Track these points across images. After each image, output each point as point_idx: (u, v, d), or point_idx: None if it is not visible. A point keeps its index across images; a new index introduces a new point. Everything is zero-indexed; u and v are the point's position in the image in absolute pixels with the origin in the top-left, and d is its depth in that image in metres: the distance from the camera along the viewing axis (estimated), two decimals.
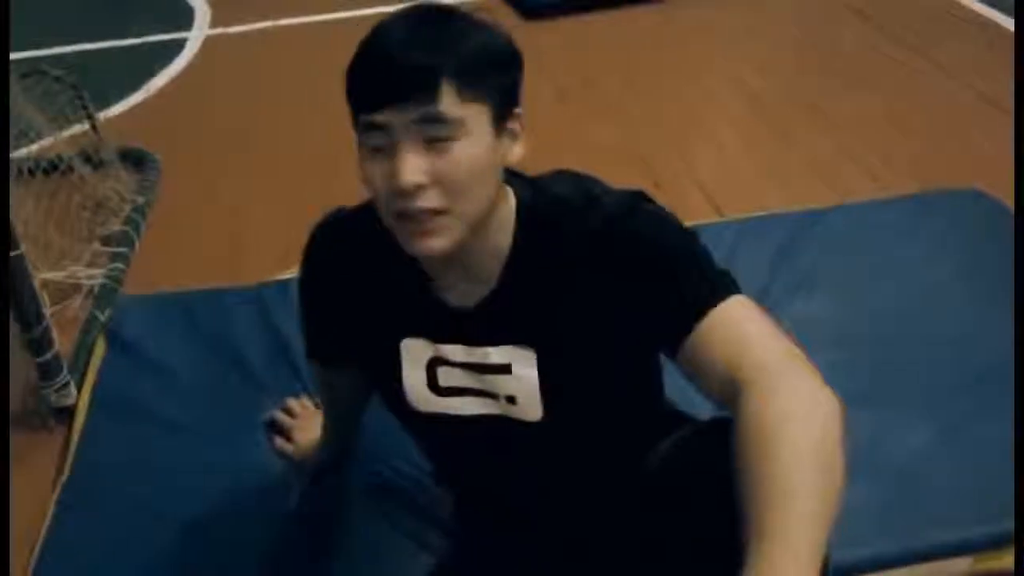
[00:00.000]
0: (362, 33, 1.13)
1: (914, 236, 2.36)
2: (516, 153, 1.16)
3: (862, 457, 1.75)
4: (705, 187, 2.79)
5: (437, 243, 1.11)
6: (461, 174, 1.08)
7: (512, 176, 1.21)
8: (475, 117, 1.08)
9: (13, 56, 3.71)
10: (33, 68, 2.79)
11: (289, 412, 1.90)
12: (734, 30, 3.94)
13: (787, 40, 3.83)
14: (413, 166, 1.06)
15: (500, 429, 1.26)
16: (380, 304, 1.27)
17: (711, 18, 4.07)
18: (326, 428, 1.72)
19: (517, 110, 1.14)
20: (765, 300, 2.14)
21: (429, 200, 1.08)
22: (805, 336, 2.03)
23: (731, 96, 3.41)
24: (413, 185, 1.06)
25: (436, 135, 1.06)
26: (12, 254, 1.91)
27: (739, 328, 1.12)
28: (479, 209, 1.12)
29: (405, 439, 1.46)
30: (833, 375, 1.92)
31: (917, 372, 1.95)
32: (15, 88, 2.62)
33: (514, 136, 1.15)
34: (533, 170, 1.25)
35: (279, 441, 1.86)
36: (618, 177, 1.27)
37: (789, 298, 2.16)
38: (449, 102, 1.06)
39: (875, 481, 1.70)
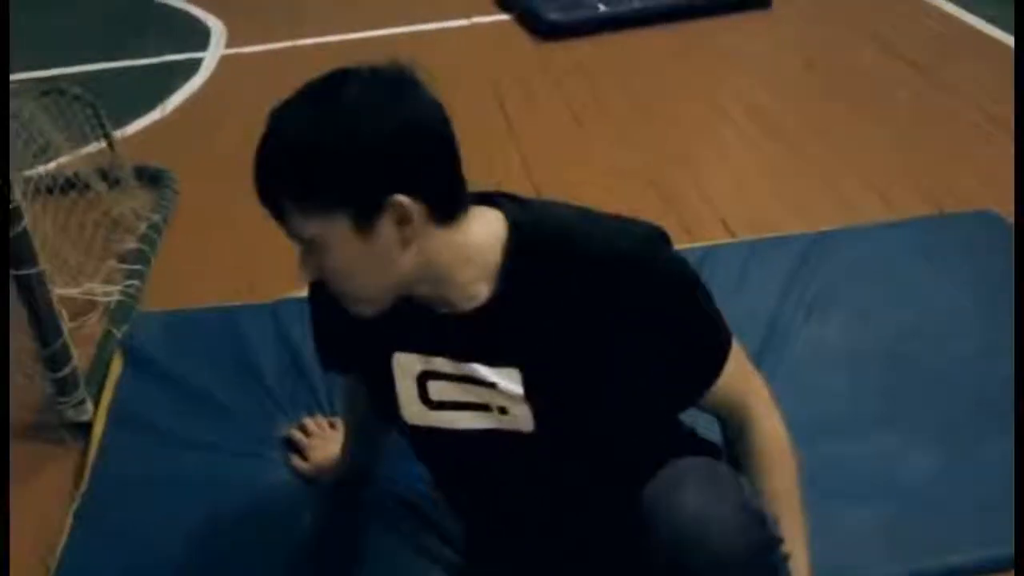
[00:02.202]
0: (374, 54, 1.16)
1: (928, 258, 2.37)
2: (407, 232, 1.12)
3: (872, 479, 1.77)
4: (717, 208, 2.80)
5: (364, 311, 1.20)
6: (336, 277, 1.16)
7: (503, 198, 1.23)
8: (328, 230, 1.11)
9: (33, 75, 3.79)
10: (52, 86, 2.82)
11: (305, 431, 1.91)
12: (747, 52, 3.95)
13: (799, 62, 3.84)
14: (304, 266, 1.18)
15: (495, 441, 1.27)
16: (373, 320, 1.27)
17: (725, 40, 4.09)
18: (344, 445, 1.73)
19: (393, 199, 1.09)
20: (777, 322, 2.16)
21: (332, 287, 1.19)
22: (817, 358, 2.07)
23: (744, 117, 3.42)
24: (309, 281, 1.18)
25: (304, 247, 1.15)
26: (31, 271, 1.93)
27: (739, 376, 1.32)
28: (380, 289, 1.17)
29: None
30: (844, 396, 1.96)
31: (928, 395, 1.96)
32: (35, 106, 2.65)
33: (400, 219, 1.11)
34: (548, 189, 1.27)
35: (295, 459, 1.87)
36: (630, 197, 1.29)
37: (801, 320, 2.17)
38: (295, 223, 1.12)
39: (885, 503, 1.72)
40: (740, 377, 1.32)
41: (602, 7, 4.24)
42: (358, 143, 1.08)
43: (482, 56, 4.01)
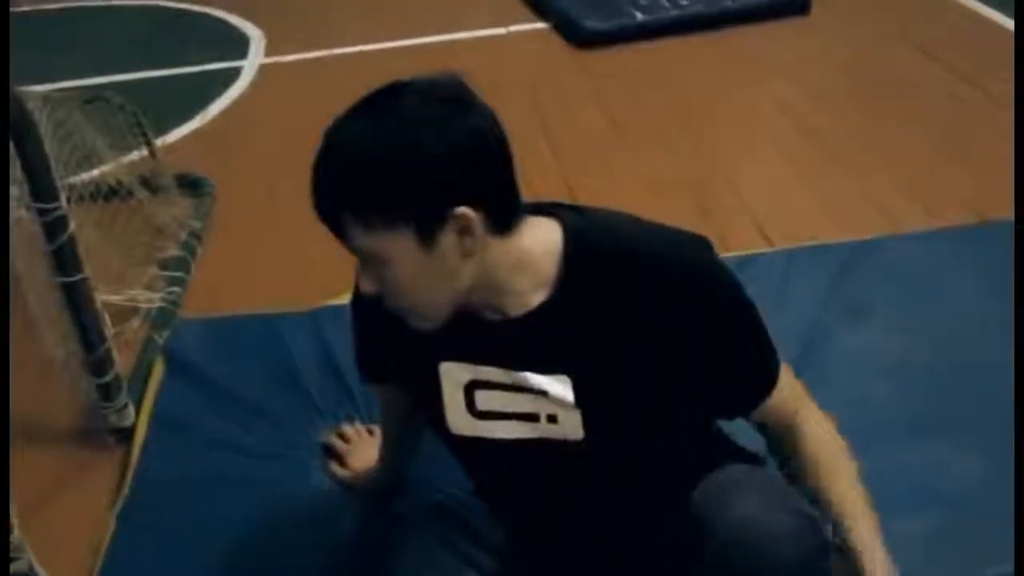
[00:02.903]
0: (413, 63, 1.16)
1: (969, 267, 2.35)
2: (470, 243, 1.12)
3: (915, 488, 1.75)
4: (755, 216, 2.79)
5: (422, 325, 1.20)
6: (398, 290, 1.15)
7: (560, 207, 1.24)
8: (390, 242, 1.10)
9: (78, 82, 3.84)
10: (97, 95, 2.85)
11: (344, 437, 1.93)
12: (787, 59, 3.93)
13: (840, 69, 3.81)
14: (364, 281, 1.17)
15: (542, 451, 1.27)
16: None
17: (764, 47, 4.07)
18: (383, 452, 1.74)
19: (457, 212, 1.10)
20: (817, 330, 2.14)
21: (391, 302, 1.18)
22: (858, 366, 2.06)
23: (783, 125, 3.41)
24: (370, 295, 1.17)
25: (365, 260, 1.15)
26: (76, 278, 1.96)
27: (788, 394, 1.33)
28: (442, 303, 1.17)
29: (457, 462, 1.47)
30: (886, 405, 1.95)
31: (971, 404, 1.94)
32: (79, 114, 2.69)
33: (463, 231, 1.11)
34: (584, 196, 1.27)
35: (333, 465, 1.88)
36: (668, 205, 1.29)
37: (842, 328, 2.16)
38: (357, 236, 1.11)
39: (927, 512, 1.70)
40: (790, 395, 1.33)
41: (639, 15, 4.23)
42: (422, 156, 1.07)
43: (519, 64, 4.02)
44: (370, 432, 1.91)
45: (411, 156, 1.08)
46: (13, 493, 1.58)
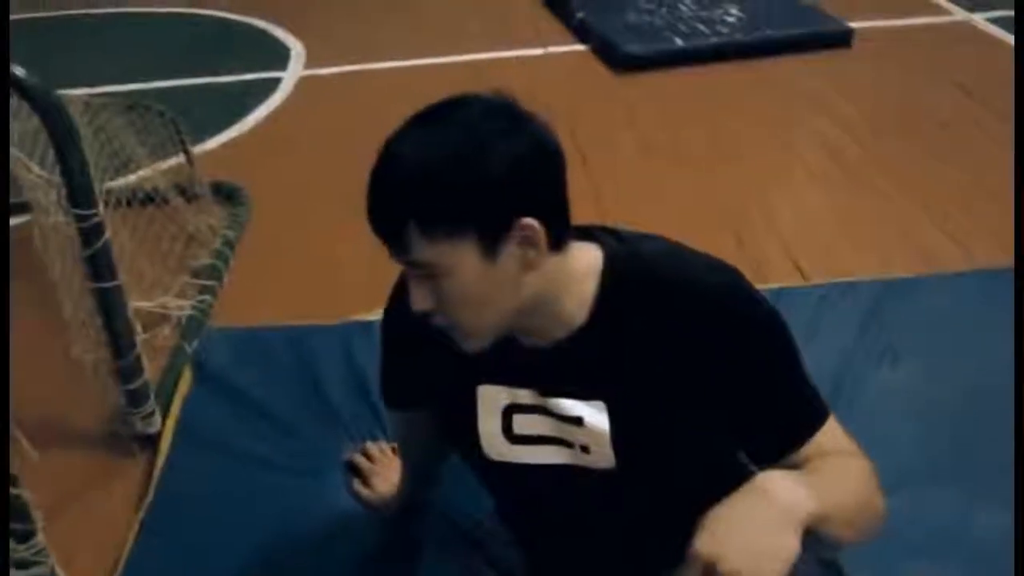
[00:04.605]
0: (450, 79, 1.16)
1: (1003, 309, 2.30)
2: (532, 255, 1.11)
3: (939, 535, 1.73)
4: (788, 246, 2.77)
5: (471, 345, 1.18)
6: (456, 304, 1.13)
7: (601, 231, 1.23)
8: (453, 253, 1.08)
9: (119, 88, 3.89)
10: (137, 102, 2.88)
11: (368, 456, 1.92)
12: (826, 91, 3.92)
13: (880, 104, 3.79)
14: (417, 296, 1.14)
15: (571, 475, 1.26)
16: (457, 351, 1.26)
17: (803, 78, 4.06)
18: (403, 477, 1.74)
19: (523, 222, 1.09)
20: (849, 368, 2.13)
21: (441, 320, 1.15)
22: (887, 406, 2.04)
23: (820, 157, 3.39)
24: (421, 312, 1.14)
25: (422, 274, 1.11)
26: (110, 284, 1.97)
27: (833, 448, 1.21)
28: (497, 319, 1.15)
29: (481, 488, 1.46)
30: (914, 448, 1.92)
31: (999, 450, 1.91)
32: (120, 119, 2.71)
33: (526, 242, 1.10)
34: (617, 221, 1.26)
35: (357, 484, 1.88)
36: (700, 233, 1.27)
37: (873, 367, 2.14)
38: (418, 247, 1.08)
39: (955, 560, 1.68)
40: (833, 447, 1.21)
41: (679, 41, 4.24)
42: (489, 164, 1.07)
43: (556, 86, 4.03)
44: (394, 451, 1.91)
45: (478, 164, 1.06)
46: (36, 497, 1.59)
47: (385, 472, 1.85)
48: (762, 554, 0.99)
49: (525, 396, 1.25)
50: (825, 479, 1.12)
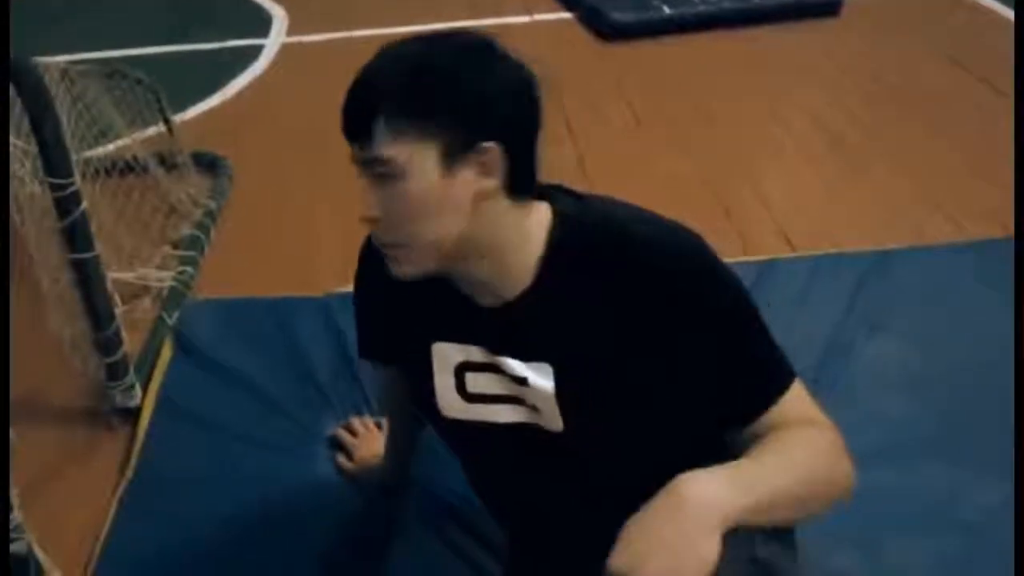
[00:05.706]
0: None
1: (992, 280, 2.30)
2: (487, 185, 1.11)
3: (927, 510, 1.72)
4: (777, 218, 2.75)
5: (404, 270, 1.16)
6: (401, 211, 1.11)
7: (558, 191, 1.21)
8: (413, 155, 1.08)
9: (97, 55, 3.82)
10: (115, 69, 2.83)
11: (351, 430, 1.91)
12: (815, 62, 3.89)
13: (869, 75, 3.76)
14: (366, 200, 1.12)
15: (529, 437, 1.24)
16: (415, 308, 1.26)
17: (791, 48, 4.03)
18: (387, 445, 1.72)
19: (485, 144, 1.09)
20: (838, 339, 2.11)
21: (382, 234, 1.15)
22: (877, 380, 2.02)
23: (808, 128, 3.36)
24: (367, 218, 1.13)
25: (376, 173, 1.10)
26: (88, 255, 1.93)
27: (797, 416, 1.19)
28: (438, 241, 1.13)
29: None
30: (903, 421, 1.91)
31: (990, 424, 1.90)
32: (98, 87, 2.66)
33: (484, 169, 1.10)
34: (603, 190, 1.24)
35: (340, 458, 1.86)
36: (689, 203, 1.25)
37: (862, 339, 2.12)
38: (382, 140, 1.08)
39: (946, 537, 1.66)
40: (797, 415, 1.19)
41: (667, 9, 4.19)
42: (465, 78, 1.09)
43: (542, 53, 3.95)
44: (378, 426, 1.89)
45: (454, 76, 1.08)
46: (14, 473, 1.56)
47: (368, 445, 1.84)
48: (680, 566, 0.98)
49: (476, 354, 1.24)
50: (771, 460, 1.11)
